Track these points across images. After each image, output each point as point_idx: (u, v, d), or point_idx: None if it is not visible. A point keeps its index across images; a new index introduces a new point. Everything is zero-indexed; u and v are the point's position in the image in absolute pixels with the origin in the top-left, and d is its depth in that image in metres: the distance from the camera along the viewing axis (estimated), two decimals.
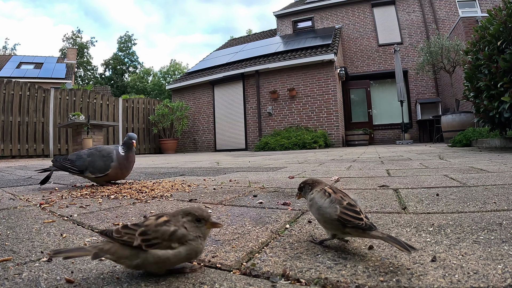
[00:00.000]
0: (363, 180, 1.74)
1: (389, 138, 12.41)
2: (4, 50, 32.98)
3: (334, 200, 0.65)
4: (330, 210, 0.63)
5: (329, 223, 0.64)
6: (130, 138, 1.77)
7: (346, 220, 0.61)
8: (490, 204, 1.00)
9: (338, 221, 0.62)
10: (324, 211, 0.65)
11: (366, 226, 0.59)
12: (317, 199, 0.68)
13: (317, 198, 0.68)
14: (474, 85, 4.26)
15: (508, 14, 3.59)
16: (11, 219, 1.02)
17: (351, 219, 0.61)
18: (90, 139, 6.93)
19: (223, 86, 11.69)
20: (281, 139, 9.10)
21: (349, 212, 0.62)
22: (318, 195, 0.68)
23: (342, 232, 0.63)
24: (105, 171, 1.71)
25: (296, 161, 3.69)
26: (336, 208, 0.63)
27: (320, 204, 0.66)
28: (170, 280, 0.54)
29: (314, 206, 0.68)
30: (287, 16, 15.28)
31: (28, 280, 0.54)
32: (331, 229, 0.65)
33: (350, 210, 0.62)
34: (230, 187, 1.68)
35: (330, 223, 0.64)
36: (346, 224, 0.61)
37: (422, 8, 12.79)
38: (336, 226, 0.63)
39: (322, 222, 0.68)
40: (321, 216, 0.66)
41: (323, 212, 0.65)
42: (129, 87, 34.65)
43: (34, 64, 20.19)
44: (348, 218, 0.61)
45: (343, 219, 0.61)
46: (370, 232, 0.59)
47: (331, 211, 0.63)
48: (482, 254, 0.59)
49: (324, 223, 0.66)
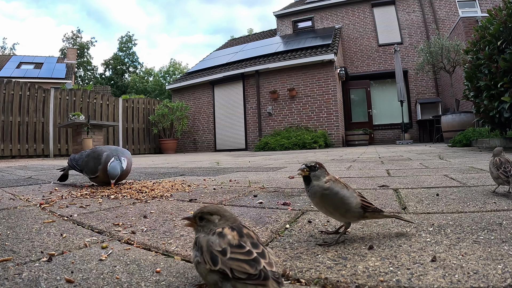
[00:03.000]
0: (363, 180, 1.74)
1: (389, 138, 12.40)
2: (3, 50, 32.98)
3: (351, 190, 0.72)
4: (353, 200, 0.69)
5: (351, 211, 0.70)
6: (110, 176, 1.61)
7: (367, 206, 0.70)
8: (490, 204, 1.00)
9: (362, 207, 0.70)
10: (349, 200, 0.69)
11: (380, 210, 0.72)
12: (339, 189, 0.70)
13: (337, 188, 0.70)
14: (474, 85, 4.26)
15: (508, 14, 3.59)
16: (11, 219, 1.02)
17: (370, 205, 0.71)
18: (90, 139, 6.93)
19: (223, 86, 11.69)
20: (281, 139, 9.10)
21: (365, 199, 0.71)
22: (338, 185, 0.70)
23: (362, 217, 0.71)
24: (95, 173, 1.72)
25: (296, 161, 3.69)
26: (356, 197, 0.70)
27: (344, 194, 0.70)
28: (169, 280, 0.54)
29: (335, 195, 0.69)
30: (287, 16, 15.28)
31: (28, 280, 0.54)
32: (350, 217, 0.71)
33: (364, 198, 0.71)
34: (230, 187, 1.68)
35: (353, 211, 0.69)
36: (367, 209, 0.70)
37: (422, 8, 12.78)
38: (358, 212, 0.70)
39: (342, 211, 0.70)
40: (344, 204, 0.69)
41: (348, 201, 0.69)
42: (130, 87, 34.65)
43: (34, 64, 20.18)
44: (368, 204, 0.71)
45: (365, 206, 0.70)
46: (383, 213, 0.72)
47: (354, 200, 0.69)
48: (482, 254, 0.59)
49: (345, 211, 0.70)
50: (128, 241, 0.77)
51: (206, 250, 0.46)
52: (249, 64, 11.35)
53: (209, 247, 0.46)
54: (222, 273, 0.43)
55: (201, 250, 0.47)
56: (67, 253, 0.67)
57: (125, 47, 39.08)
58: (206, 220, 0.52)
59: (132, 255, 0.67)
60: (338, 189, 0.70)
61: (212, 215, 0.52)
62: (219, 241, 0.47)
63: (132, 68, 39.53)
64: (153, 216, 1.03)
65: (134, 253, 0.68)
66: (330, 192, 0.70)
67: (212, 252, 0.45)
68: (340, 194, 0.69)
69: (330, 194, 0.70)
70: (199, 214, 0.53)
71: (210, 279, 0.45)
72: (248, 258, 0.44)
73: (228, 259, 0.44)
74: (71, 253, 0.67)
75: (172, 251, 0.69)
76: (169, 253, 0.68)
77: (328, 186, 0.70)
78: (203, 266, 0.46)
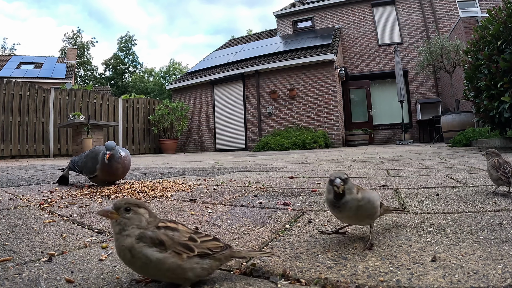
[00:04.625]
0: (363, 180, 1.74)
1: (389, 138, 12.40)
2: (3, 50, 32.98)
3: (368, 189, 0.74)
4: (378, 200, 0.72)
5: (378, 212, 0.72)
6: (106, 149, 1.65)
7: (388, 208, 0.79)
8: (490, 204, 1.00)
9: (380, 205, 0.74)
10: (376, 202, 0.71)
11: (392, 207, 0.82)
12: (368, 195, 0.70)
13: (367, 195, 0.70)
14: (474, 85, 4.26)
15: (508, 14, 3.59)
16: (11, 219, 1.02)
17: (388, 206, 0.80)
18: (90, 139, 6.92)
19: (223, 86, 11.69)
20: (281, 139, 9.10)
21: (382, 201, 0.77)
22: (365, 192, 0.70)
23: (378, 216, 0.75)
24: (94, 173, 1.73)
25: (296, 161, 3.69)
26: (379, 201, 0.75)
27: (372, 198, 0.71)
28: None
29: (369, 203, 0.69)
30: (287, 16, 15.27)
31: (28, 280, 0.54)
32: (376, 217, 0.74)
33: None
34: (230, 187, 1.68)
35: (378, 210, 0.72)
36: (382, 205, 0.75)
37: (422, 8, 12.78)
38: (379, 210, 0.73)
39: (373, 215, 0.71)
40: (375, 208, 0.71)
41: (377, 203, 0.71)
42: (130, 87, 34.65)
43: (34, 64, 20.17)
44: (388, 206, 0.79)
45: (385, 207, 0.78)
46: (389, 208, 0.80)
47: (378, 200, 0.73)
48: (482, 254, 0.59)
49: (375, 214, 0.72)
50: None
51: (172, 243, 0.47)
52: (249, 64, 11.35)
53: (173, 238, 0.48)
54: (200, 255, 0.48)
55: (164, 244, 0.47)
56: (67, 253, 0.67)
57: (125, 47, 39.08)
58: (133, 212, 0.49)
59: None
60: (368, 195, 0.70)
61: (140, 208, 0.50)
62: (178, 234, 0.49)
63: (132, 68, 39.55)
64: None
65: None
66: (364, 201, 0.68)
67: (181, 242, 0.48)
68: (371, 200, 0.70)
69: (364, 203, 0.68)
70: (125, 205, 0.49)
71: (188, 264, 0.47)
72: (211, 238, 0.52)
73: (201, 243, 0.49)
74: (71, 253, 0.67)
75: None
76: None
77: (361, 196, 0.68)
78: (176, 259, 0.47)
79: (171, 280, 0.49)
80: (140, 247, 0.46)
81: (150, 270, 0.47)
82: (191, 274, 0.48)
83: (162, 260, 0.46)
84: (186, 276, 0.47)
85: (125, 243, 0.47)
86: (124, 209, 0.49)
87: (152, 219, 0.50)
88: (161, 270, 0.46)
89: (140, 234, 0.47)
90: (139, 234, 0.47)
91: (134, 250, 0.46)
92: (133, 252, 0.46)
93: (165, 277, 0.48)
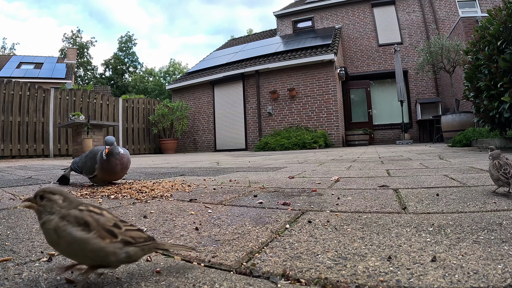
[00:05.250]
0: (363, 180, 1.74)
1: (389, 138, 12.40)
2: (3, 50, 32.97)
3: None
4: None
5: None
6: (105, 144, 1.65)
7: None
8: (490, 204, 1.00)
9: None
10: None
11: None
12: None
13: None
14: (474, 85, 4.26)
15: (508, 14, 3.59)
16: (11, 219, 1.02)
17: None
18: (90, 139, 6.92)
19: (223, 86, 11.69)
20: (281, 139, 9.10)
21: None
22: None
23: None
24: (93, 172, 1.73)
25: (296, 161, 3.69)
26: None
27: None
28: (170, 280, 0.54)
29: None
30: (287, 16, 15.28)
31: (28, 280, 0.54)
32: None
33: None
34: (230, 187, 1.68)
35: None
36: None
37: (422, 8, 12.78)
38: None
39: None
40: None
41: None
42: (130, 87, 34.65)
43: (34, 64, 20.17)
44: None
45: None
46: None
47: None
48: (482, 254, 0.59)
49: None
50: None
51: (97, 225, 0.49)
52: (249, 64, 11.35)
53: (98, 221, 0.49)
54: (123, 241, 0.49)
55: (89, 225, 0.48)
56: None
57: (125, 47, 39.07)
58: (47, 199, 0.51)
59: None
60: None
61: (54, 195, 0.52)
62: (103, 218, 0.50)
63: (132, 68, 39.55)
64: (153, 216, 1.03)
65: None
66: None
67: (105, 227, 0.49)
68: None
69: None
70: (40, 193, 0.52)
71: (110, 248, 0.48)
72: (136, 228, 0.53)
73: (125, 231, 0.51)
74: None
75: (172, 251, 0.69)
76: (169, 253, 0.68)
77: None
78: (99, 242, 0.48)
79: (95, 262, 0.50)
80: (64, 226, 0.47)
81: (75, 250, 0.48)
82: (114, 259, 0.49)
83: (85, 240, 0.47)
84: (109, 260, 0.49)
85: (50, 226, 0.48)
86: (40, 197, 0.51)
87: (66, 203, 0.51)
88: (85, 251, 0.47)
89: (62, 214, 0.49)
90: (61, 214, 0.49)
91: (59, 229, 0.47)
92: (58, 232, 0.47)
93: (89, 258, 0.49)
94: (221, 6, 76.75)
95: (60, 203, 0.51)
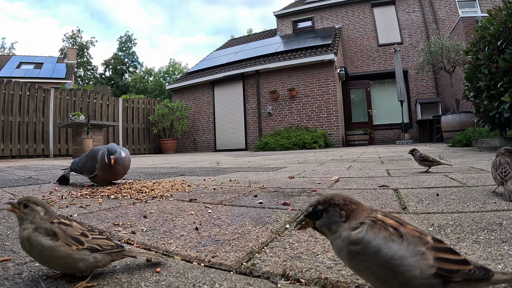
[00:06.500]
0: (363, 180, 1.74)
1: (389, 138, 12.40)
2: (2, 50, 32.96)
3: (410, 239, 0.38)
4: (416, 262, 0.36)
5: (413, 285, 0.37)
6: (109, 153, 1.63)
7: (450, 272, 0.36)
8: (490, 204, 1.00)
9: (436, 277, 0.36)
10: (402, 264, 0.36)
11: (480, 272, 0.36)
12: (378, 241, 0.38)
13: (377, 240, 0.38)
14: (474, 85, 4.26)
15: (508, 14, 3.59)
16: (11, 219, 1.02)
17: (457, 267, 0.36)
18: (90, 139, 6.92)
19: (223, 86, 11.69)
20: (281, 139, 9.10)
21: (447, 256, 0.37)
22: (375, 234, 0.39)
23: None
24: (93, 172, 1.73)
25: (296, 161, 3.69)
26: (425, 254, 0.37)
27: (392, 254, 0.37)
28: (170, 280, 0.54)
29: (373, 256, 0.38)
30: (287, 16, 15.28)
31: (28, 280, 0.54)
32: None
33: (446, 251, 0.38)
34: (230, 187, 1.68)
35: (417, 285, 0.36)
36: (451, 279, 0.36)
37: (422, 8, 12.78)
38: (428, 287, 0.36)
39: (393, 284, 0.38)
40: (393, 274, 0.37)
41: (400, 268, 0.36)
42: (130, 87, 34.65)
43: (34, 64, 20.17)
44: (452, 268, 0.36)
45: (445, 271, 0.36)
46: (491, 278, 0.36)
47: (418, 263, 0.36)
48: (482, 254, 0.59)
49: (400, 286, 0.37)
50: (128, 241, 0.77)
51: (64, 235, 0.53)
52: (249, 64, 11.35)
53: (65, 231, 0.54)
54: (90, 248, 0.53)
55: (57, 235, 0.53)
56: None
57: (124, 47, 39.07)
58: (30, 209, 0.55)
59: None
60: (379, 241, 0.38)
61: (38, 206, 0.56)
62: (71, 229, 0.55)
63: (132, 68, 39.55)
64: (153, 216, 1.03)
65: None
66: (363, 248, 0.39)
67: (72, 236, 0.54)
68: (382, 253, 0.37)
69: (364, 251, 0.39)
70: (24, 201, 0.55)
71: (78, 255, 0.53)
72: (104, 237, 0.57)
73: (92, 239, 0.55)
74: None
75: (172, 251, 0.69)
76: (169, 253, 0.68)
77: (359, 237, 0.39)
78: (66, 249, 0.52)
79: (66, 269, 0.54)
80: (35, 236, 0.53)
81: (45, 257, 0.53)
82: (82, 264, 0.53)
83: (54, 248, 0.52)
84: (78, 266, 0.53)
85: (23, 234, 0.54)
86: (23, 205, 0.55)
87: (47, 216, 0.56)
88: (54, 258, 0.52)
89: (36, 226, 0.54)
90: (35, 226, 0.54)
91: (31, 239, 0.53)
92: (30, 241, 0.53)
93: (59, 265, 0.53)
94: (221, 6, 76.82)
95: (41, 215, 0.55)
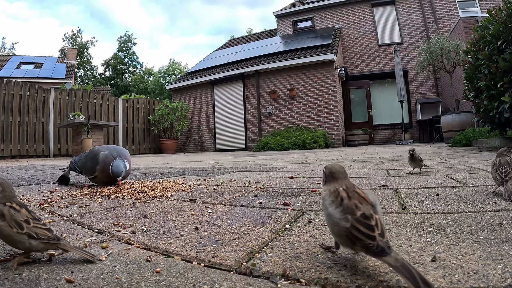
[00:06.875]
0: (363, 180, 1.74)
1: (389, 138, 12.40)
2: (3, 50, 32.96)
3: (346, 208, 0.54)
4: (340, 221, 0.54)
5: (337, 235, 0.56)
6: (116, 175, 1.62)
7: (356, 237, 0.51)
8: (490, 204, 1.00)
9: (347, 236, 0.53)
10: (333, 220, 0.56)
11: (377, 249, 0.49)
12: (328, 203, 0.58)
13: (328, 201, 0.58)
14: (474, 85, 4.26)
15: (508, 14, 3.58)
16: None
17: (361, 237, 0.51)
18: (90, 139, 6.92)
19: (223, 86, 11.69)
20: (281, 139, 9.10)
21: (361, 227, 0.52)
22: (329, 197, 0.58)
23: (352, 248, 0.54)
24: (93, 173, 1.72)
25: (296, 161, 3.69)
26: (348, 220, 0.53)
27: (330, 212, 0.56)
28: (170, 280, 0.54)
29: (325, 210, 0.59)
30: (287, 16, 15.28)
31: (28, 280, 0.54)
32: (340, 242, 0.57)
33: (363, 224, 0.52)
34: (230, 187, 1.68)
35: (339, 236, 0.55)
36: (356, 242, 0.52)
37: (422, 8, 12.79)
38: (345, 241, 0.54)
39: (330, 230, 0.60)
40: (329, 225, 0.58)
41: (332, 221, 0.56)
42: (130, 87, 34.64)
43: (34, 64, 20.18)
44: (358, 236, 0.51)
45: (352, 235, 0.52)
46: (382, 257, 0.49)
47: (341, 222, 0.54)
48: (482, 254, 0.59)
49: (332, 232, 0.59)
50: (128, 241, 0.77)
51: (10, 218, 0.61)
52: (249, 64, 11.35)
53: (12, 215, 0.61)
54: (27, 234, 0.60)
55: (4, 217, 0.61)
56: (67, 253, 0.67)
57: (124, 47, 39.07)
58: None
59: (132, 255, 0.67)
60: (328, 203, 0.57)
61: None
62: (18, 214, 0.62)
63: (132, 68, 39.54)
64: (153, 216, 1.03)
65: (134, 253, 0.68)
66: (323, 204, 0.60)
67: (16, 220, 0.61)
68: (327, 210, 0.57)
69: (323, 205, 0.60)
70: None
71: (17, 237, 0.60)
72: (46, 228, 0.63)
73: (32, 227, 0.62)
74: (71, 253, 0.67)
75: (172, 251, 0.69)
76: (169, 253, 0.68)
77: (323, 195, 0.61)
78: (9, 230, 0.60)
79: (12, 245, 0.63)
80: None
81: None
82: (21, 246, 0.61)
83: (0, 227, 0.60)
84: (18, 245, 0.61)
85: None
86: None
87: (2, 195, 0.63)
88: (1, 234, 0.61)
89: None
90: None
91: None
92: None
93: (7, 241, 0.62)
94: (222, 6, 76.89)
95: None
